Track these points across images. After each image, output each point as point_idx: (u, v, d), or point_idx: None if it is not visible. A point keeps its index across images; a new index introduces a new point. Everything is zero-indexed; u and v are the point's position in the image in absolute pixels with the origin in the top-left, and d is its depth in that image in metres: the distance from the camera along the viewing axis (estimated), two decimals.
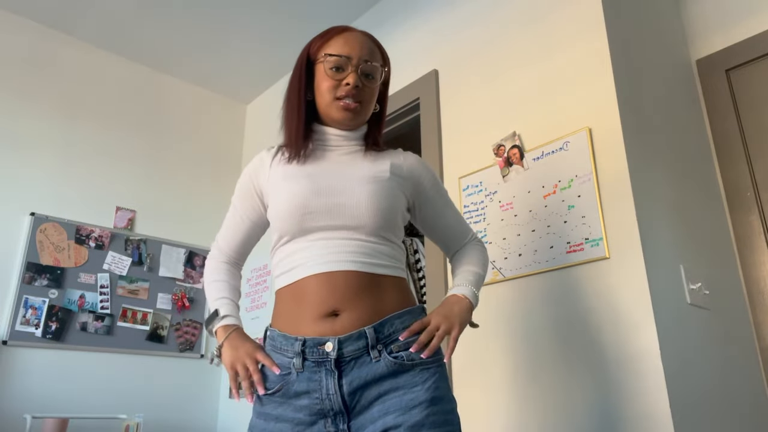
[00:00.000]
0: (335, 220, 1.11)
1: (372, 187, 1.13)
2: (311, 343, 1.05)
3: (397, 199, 1.17)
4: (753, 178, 1.98)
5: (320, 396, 1.03)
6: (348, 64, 1.16)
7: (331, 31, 1.21)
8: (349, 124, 1.20)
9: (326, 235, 1.11)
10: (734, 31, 2.11)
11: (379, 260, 1.11)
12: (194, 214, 3.33)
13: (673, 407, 1.40)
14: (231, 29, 3.06)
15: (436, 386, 1.05)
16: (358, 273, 1.08)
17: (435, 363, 1.07)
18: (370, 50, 1.20)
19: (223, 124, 3.64)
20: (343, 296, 1.07)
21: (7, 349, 2.56)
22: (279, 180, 1.18)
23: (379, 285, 1.10)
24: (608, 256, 1.60)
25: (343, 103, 1.16)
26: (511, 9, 2.13)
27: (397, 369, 1.04)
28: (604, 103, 1.73)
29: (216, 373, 3.17)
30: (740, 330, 1.84)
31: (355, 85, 1.15)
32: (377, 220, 1.11)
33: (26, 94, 2.90)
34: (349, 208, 1.11)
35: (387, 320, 1.07)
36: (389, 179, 1.17)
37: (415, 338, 1.08)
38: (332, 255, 1.09)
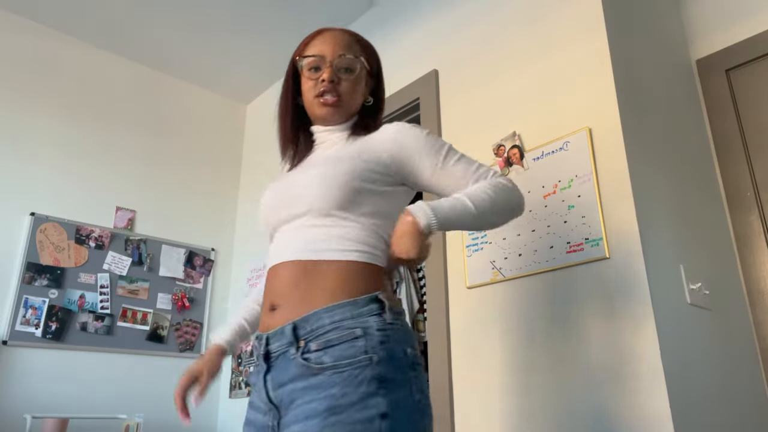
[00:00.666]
0: (289, 211, 1.11)
1: (323, 169, 1.10)
2: (258, 339, 1.10)
3: (356, 175, 1.09)
4: (753, 178, 1.98)
5: (259, 389, 1.07)
6: (323, 62, 1.19)
7: (308, 36, 1.25)
8: (332, 118, 1.21)
9: (284, 228, 1.13)
10: (734, 31, 2.11)
11: (326, 245, 1.05)
12: (194, 214, 3.33)
13: (673, 407, 1.40)
14: (231, 29, 3.06)
15: (342, 393, 0.93)
16: (297, 263, 1.05)
17: (352, 365, 0.95)
18: (346, 44, 1.21)
19: (223, 124, 3.64)
20: (280, 289, 1.06)
21: (7, 349, 2.56)
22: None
23: (319, 273, 1.04)
24: (608, 256, 1.60)
25: (322, 99, 1.18)
26: (511, 9, 2.13)
27: (307, 372, 0.97)
28: (604, 103, 1.73)
29: None
30: (740, 330, 1.84)
31: (330, 79, 1.18)
32: (326, 200, 1.06)
33: (26, 94, 2.90)
34: (297, 196, 1.11)
35: (313, 314, 1.00)
36: (350, 158, 1.12)
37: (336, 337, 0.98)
38: (282, 248, 1.10)
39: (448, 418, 1.87)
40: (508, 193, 1.13)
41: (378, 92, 1.32)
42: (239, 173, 3.63)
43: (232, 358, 3.13)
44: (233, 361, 3.11)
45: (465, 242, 2.00)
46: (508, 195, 1.13)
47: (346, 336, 0.98)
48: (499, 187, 1.12)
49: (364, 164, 1.12)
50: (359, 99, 1.25)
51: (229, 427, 3.03)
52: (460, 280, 1.99)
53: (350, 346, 0.97)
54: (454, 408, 1.88)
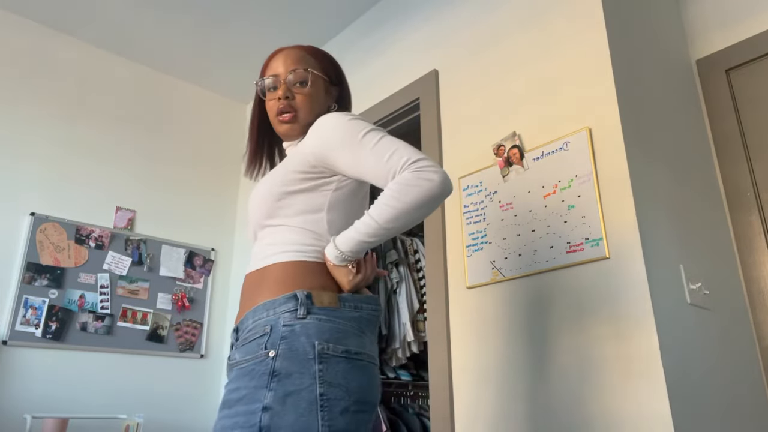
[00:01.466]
0: (249, 227, 1.24)
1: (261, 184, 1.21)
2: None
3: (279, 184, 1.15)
4: (753, 178, 1.98)
5: None
6: (277, 80, 1.26)
7: (267, 58, 1.34)
8: (292, 133, 1.26)
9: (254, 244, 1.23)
10: (734, 31, 2.11)
11: (268, 251, 1.14)
12: (194, 214, 3.33)
13: (673, 407, 1.40)
14: (231, 29, 3.06)
15: (235, 387, 0.99)
16: (252, 273, 1.16)
17: (251, 361, 1.00)
18: (297, 59, 1.26)
19: (223, 124, 3.64)
20: (242, 296, 1.16)
21: (7, 349, 2.56)
22: None
23: (262, 279, 1.12)
24: (608, 256, 1.60)
25: (281, 117, 1.24)
26: (511, 9, 2.13)
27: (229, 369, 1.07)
28: (604, 103, 1.73)
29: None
30: (740, 330, 1.84)
31: (285, 96, 1.23)
32: (260, 213, 1.18)
33: (26, 94, 2.90)
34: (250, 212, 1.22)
35: (244, 317, 1.11)
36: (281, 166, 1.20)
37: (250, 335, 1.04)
38: (251, 260, 1.20)
39: (448, 417, 1.87)
40: (414, 190, 1.03)
41: (343, 99, 1.36)
42: (239, 173, 3.63)
43: None
44: None
45: (465, 242, 2.00)
46: (415, 192, 1.03)
47: (257, 333, 1.03)
48: (404, 186, 1.04)
49: (290, 169, 1.17)
50: (317, 109, 1.27)
51: None
52: (460, 280, 1.99)
53: (254, 343, 1.02)
54: (454, 408, 1.88)
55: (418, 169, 1.05)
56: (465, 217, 2.03)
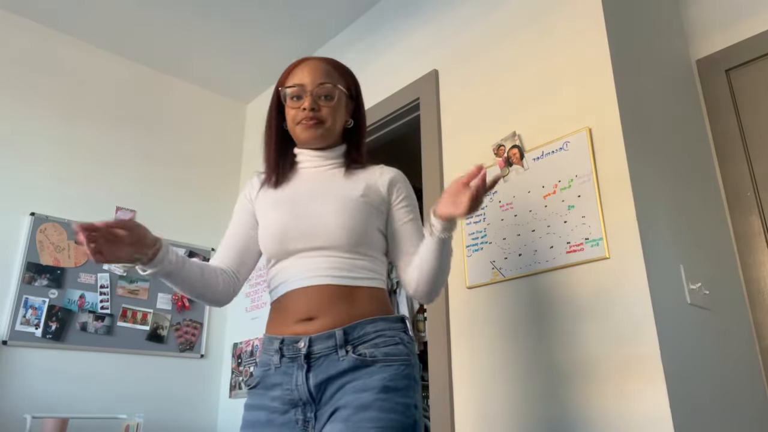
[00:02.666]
0: (311, 242, 1.23)
1: (341, 209, 1.24)
2: (288, 342, 1.19)
3: (367, 215, 1.26)
4: (753, 178, 1.98)
5: (290, 387, 1.16)
6: (303, 91, 1.29)
7: (290, 66, 1.35)
8: (316, 141, 1.32)
9: (306, 254, 1.24)
10: (734, 31, 2.11)
11: (355, 273, 1.22)
12: (194, 214, 3.33)
13: (673, 407, 1.40)
14: (231, 29, 3.06)
15: (392, 378, 1.13)
16: (332, 286, 1.20)
17: (398, 361, 1.16)
18: (325, 73, 1.31)
19: (223, 124, 3.64)
20: (318, 305, 1.19)
21: (7, 349, 2.56)
22: (266, 206, 1.32)
23: (353, 295, 1.21)
24: (608, 256, 1.60)
25: (303, 124, 1.29)
26: (511, 9, 2.13)
27: (358, 365, 1.14)
28: (604, 103, 1.73)
29: (216, 373, 3.17)
30: (740, 330, 1.84)
31: (311, 107, 1.28)
32: (349, 239, 1.22)
33: (26, 94, 2.90)
34: (321, 229, 1.23)
35: (358, 324, 1.17)
36: (360, 197, 1.27)
37: (381, 341, 1.17)
38: (310, 272, 1.22)
39: (448, 417, 1.87)
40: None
41: (358, 114, 1.41)
42: (239, 173, 3.63)
43: (232, 358, 3.12)
44: (233, 361, 3.11)
45: (465, 242, 2.00)
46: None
47: (389, 341, 1.18)
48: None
49: (373, 204, 1.28)
50: (340, 122, 1.34)
51: (229, 427, 3.03)
52: (460, 280, 1.99)
53: (394, 348, 1.18)
54: (454, 408, 1.88)
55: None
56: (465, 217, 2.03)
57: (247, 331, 3.09)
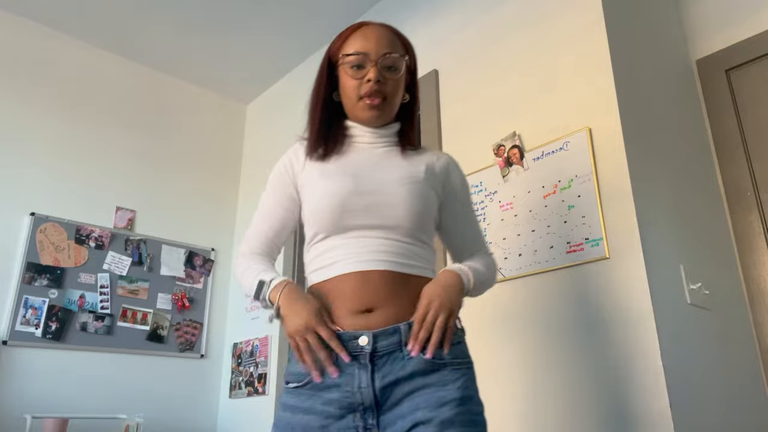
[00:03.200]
0: (372, 219, 1.11)
1: (409, 188, 1.13)
2: (346, 337, 1.05)
3: (430, 200, 1.17)
4: (753, 178, 1.98)
5: (351, 389, 1.03)
6: (367, 60, 1.16)
7: (347, 30, 1.22)
8: (377, 121, 1.20)
9: (362, 233, 1.11)
10: (734, 31, 2.11)
11: (412, 261, 1.12)
12: (194, 214, 3.33)
13: (673, 407, 1.40)
14: (231, 29, 3.06)
15: (465, 386, 1.05)
16: (392, 273, 1.09)
17: (465, 365, 1.08)
18: (389, 42, 1.19)
19: (223, 124, 3.64)
20: (378, 294, 1.07)
21: (7, 349, 2.56)
22: (317, 176, 1.18)
23: (411, 285, 1.10)
24: (608, 256, 1.60)
25: (367, 101, 1.16)
26: (511, 9, 2.13)
27: (429, 368, 1.03)
28: (604, 103, 1.73)
29: (216, 373, 3.17)
30: (740, 330, 1.84)
31: (377, 79, 1.15)
32: (413, 222, 1.12)
33: (26, 94, 2.90)
34: (386, 207, 1.11)
35: None
36: (424, 179, 1.17)
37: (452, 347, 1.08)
38: (367, 254, 1.10)
39: None
40: (495, 274, 1.28)
41: (414, 89, 1.29)
42: (239, 173, 3.63)
43: (232, 358, 3.13)
44: (233, 361, 3.11)
45: None
46: (495, 275, 1.28)
47: (452, 340, 1.08)
48: (495, 267, 1.28)
49: (433, 189, 1.19)
50: (400, 97, 1.22)
51: (229, 428, 3.02)
52: None
53: (458, 348, 1.09)
54: None
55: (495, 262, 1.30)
56: None
57: (247, 331, 3.09)
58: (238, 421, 2.98)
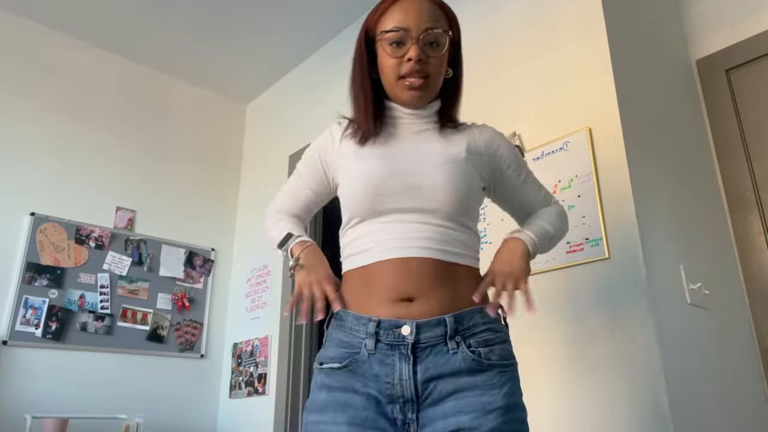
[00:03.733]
0: (410, 202, 1.05)
1: (449, 169, 1.07)
2: (387, 325, 0.99)
3: (473, 182, 1.10)
4: (753, 178, 1.98)
5: (392, 381, 0.98)
6: (407, 36, 1.08)
7: (384, 2, 1.13)
8: (418, 103, 1.13)
9: (400, 217, 1.06)
10: (734, 31, 2.11)
11: (455, 248, 1.06)
12: (194, 214, 3.33)
13: (673, 407, 1.40)
14: (231, 29, 3.06)
15: (512, 392, 1.00)
16: (434, 260, 1.03)
17: (511, 367, 1.03)
18: (431, 15, 1.11)
19: (223, 124, 3.64)
20: (419, 283, 1.01)
21: (7, 349, 2.56)
22: (351, 158, 1.13)
23: (454, 274, 1.04)
24: (608, 256, 1.60)
25: (408, 81, 1.09)
26: (511, 9, 2.13)
27: (475, 367, 0.98)
28: (604, 103, 1.73)
29: (216, 373, 3.17)
30: (740, 330, 1.84)
31: (418, 59, 1.07)
32: (454, 204, 1.06)
33: (26, 94, 2.90)
34: (426, 190, 1.05)
35: (468, 312, 1.01)
36: (465, 160, 1.10)
37: (492, 337, 1.02)
38: (406, 240, 1.04)
39: None
40: (566, 221, 1.25)
41: (457, 64, 1.20)
42: (239, 173, 3.63)
43: (232, 358, 3.13)
44: (233, 361, 3.11)
45: None
46: (566, 222, 1.26)
47: (499, 338, 1.03)
48: (563, 215, 1.24)
49: (476, 169, 1.12)
50: (443, 75, 1.15)
51: (229, 427, 3.02)
52: None
53: (504, 349, 1.03)
54: None
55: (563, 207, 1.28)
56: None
57: (247, 331, 3.09)
58: (238, 421, 2.98)
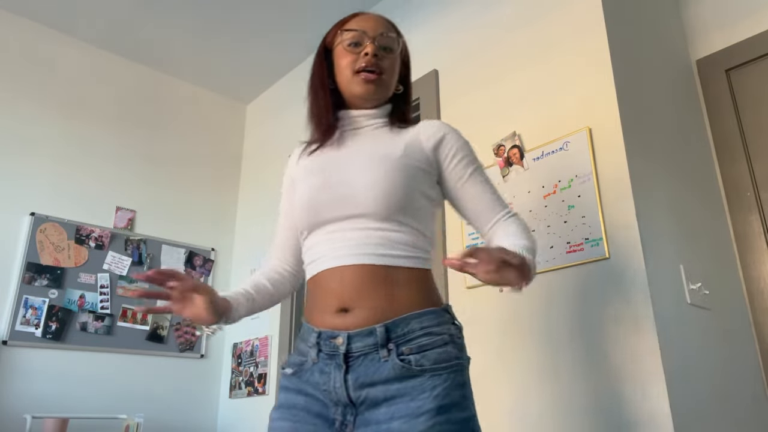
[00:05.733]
0: (341, 210, 1.09)
1: (378, 170, 1.09)
2: (325, 336, 1.05)
3: (408, 177, 1.10)
4: (753, 178, 1.98)
5: (328, 388, 1.03)
6: (365, 37, 1.18)
7: (344, 18, 1.24)
8: (372, 96, 1.18)
9: (338, 227, 1.10)
10: (734, 31, 2.11)
11: (394, 250, 1.07)
12: (194, 214, 3.33)
13: (673, 407, 1.40)
14: (231, 29, 3.06)
15: (445, 393, 0.99)
16: (370, 267, 1.05)
17: (449, 369, 1.01)
18: (385, 25, 1.22)
19: (223, 124, 3.64)
20: (354, 292, 1.05)
21: (7, 349, 2.56)
22: (300, 176, 1.20)
23: (393, 279, 1.05)
24: (608, 256, 1.60)
25: (363, 75, 1.16)
26: (511, 9, 2.13)
27: (405, 374, 0.99)
28: (604, 103, 1.73)
29: (216, 373, 3.17)
30: (740, 330, 1.84)
31: (374, 53, 1.16)
32: (386, 204, 1.07)
33: (26, 94, 2.90)
34: (353, 197, 1.09)
35: (402, 319, 1.03)
36: (401, 157, 1.12)
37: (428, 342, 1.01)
38: (343, 249, 1.07)
39: None
40: (531, 234, 1.17)
41: (407, 81, 1.29)
42: (239, 173, 3.63)
43: (232, 358, 3.13)
44: (233, 361, 3.11)
45: (465, 242, 2.00)
46: (532, 236, 1.17)
47: (437, 342, 1.03)
48: (527, 230, 1.17)
49: (416, 164, 1.13)
50: (394, 81, 1.22)
51: (229, 427, 3.02)
52: (460, 280, 1.99)
53: (443, 351, 1.02)
54: None
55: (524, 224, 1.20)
56: None
57: (247, 331, 3.09)
58: (238, 421, 2.98)
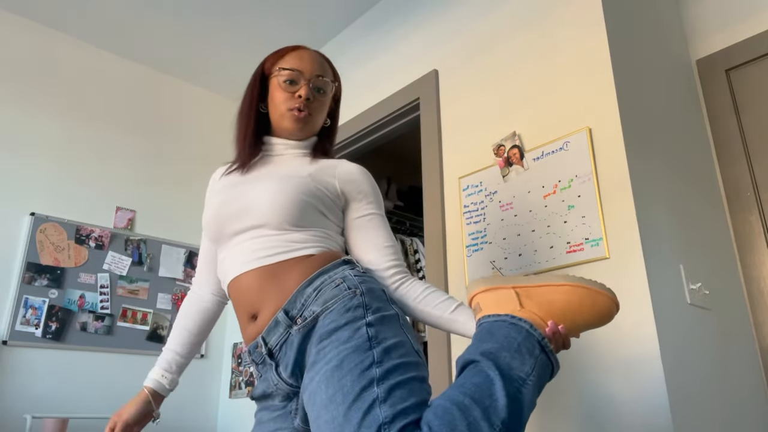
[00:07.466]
0: (242, 222, 1.15)
1: (277, 185, 1.15)
2: (252, 350, 1.12)
3: (309, 195, 1.16)
4: (753, 178, 1.98)
5: (273, 389, 1.10)
6: (300, 77, 1.25)
7: (285, 49, 1.30)
8: (299, 133, 1.27)
9: (240, 239, 1.16)
10: (734, 31, 2.11)
11: (284, 248, 1.12)
12: (194, 214, 3.33)
13: (673, 407, 1.40)
14: (231, 29, 3.06)
15: (335, 318, 1.01)
16: (260, 269, 1.11)
17: (337, 301, 1.03)
18: (322, 66, 1.28)
19: (223, 124, 3.64)
20: (255, 296, 1.11)
21: (7, 349, 2.56)
22: (213, 193, 1.26)
23: (282, 270, 1.11)
24: (608, 256, 1.60)
25: (295, 113, 1.23)
26: (511, 9, 2.13)
27: (306, 331, 1.03)
28: (604, 103, 1.73)
29: (216, 373, 3.17)
30: (740, 330, 1.84)
31: (307, 97, 1.23)
32: (281, 215, 1.12)
33: (26, 94, 2.90)
34: (251, 209, 1.14)
35: (296, 293, 1.07)
36: (305, 176, 1.19)
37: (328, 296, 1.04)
38: (243, 257, 1.14)
39: None
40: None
41: (335, 115, 1.38)
42: None
43: (232, 358, 3.13)
44: (233, 361, 3.11)
45: (465, 242, 2.00)
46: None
47: (330, 286, 1.06)
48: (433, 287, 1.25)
49: (316, 184, 1.19)
50: (322, 119, 1.31)
51: (229, 427, 3.03)
52: (460, 280, 1.99)
53: (335, 290, 1.05)
54: None
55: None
56: (465, 217, 2.03)
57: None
58: (238, 421, 2.98)
